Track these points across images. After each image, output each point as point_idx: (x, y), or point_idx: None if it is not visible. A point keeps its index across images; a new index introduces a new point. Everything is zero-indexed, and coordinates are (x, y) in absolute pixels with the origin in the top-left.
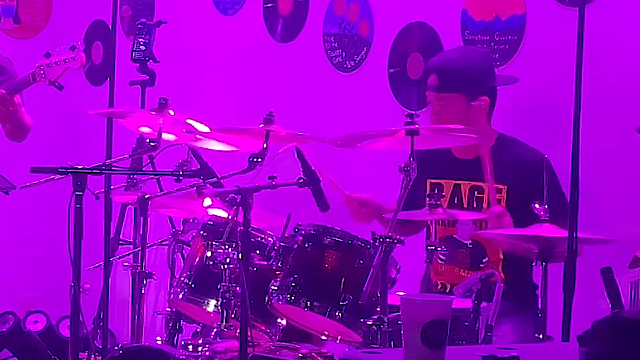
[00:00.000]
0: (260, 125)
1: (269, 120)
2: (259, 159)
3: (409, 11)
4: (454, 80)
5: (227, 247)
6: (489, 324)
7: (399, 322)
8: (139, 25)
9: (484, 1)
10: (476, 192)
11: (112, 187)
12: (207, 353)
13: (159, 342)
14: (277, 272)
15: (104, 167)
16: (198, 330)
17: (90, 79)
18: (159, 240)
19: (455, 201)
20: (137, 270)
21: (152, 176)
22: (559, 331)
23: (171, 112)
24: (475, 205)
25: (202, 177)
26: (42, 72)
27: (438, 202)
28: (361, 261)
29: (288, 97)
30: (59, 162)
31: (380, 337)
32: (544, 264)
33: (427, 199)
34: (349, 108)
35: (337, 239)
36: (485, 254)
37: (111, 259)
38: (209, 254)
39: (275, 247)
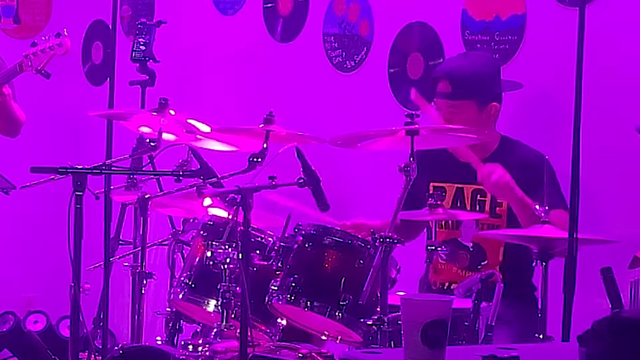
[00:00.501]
0: (260, 125)
1: (269, 120)
2: (259, 159)
3: (409, 11)
4: (467, 87)
5: (227, 247)
6: (489, 324)
7: (399, 322)
8: (139, 25)
9: (484, 1)
10: (478, 196)
11: (112, 187)
12: (207, 353)
13: (159, 342)
14: (277, 272)
15: (104, 167)
16: (198, 330)
17: (90, 79)
18: (159, 240)
19: (458, 204)
20: (137, 270)
21: (152, 176)
22: (559, 331)
23: (172, 112)
24: (477, 209)
25: (202, 177)
26: (28, 61)
27: (438, 202)
28: (361, 261)
29: (288, 97)
30: (59, 162)
31: (380, 337)
32: (544, 264)
33: (428, 199)
34: (349, 108)
35: (337, 239)
36: (485, 257)
37: (111, 259)
38: (209, 254)
39: (275, 247)
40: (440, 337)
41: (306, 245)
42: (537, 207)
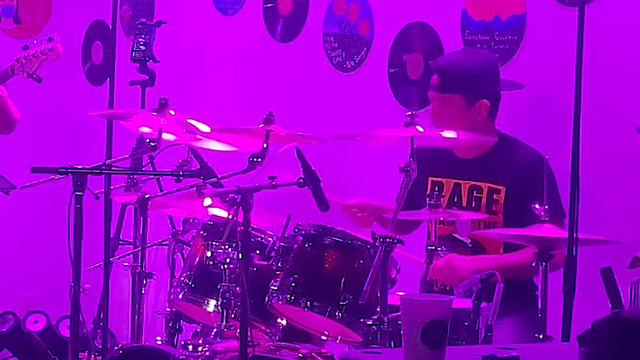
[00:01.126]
0: (260, 125)
1: (269, 120)
2: (259, 159)
3: (409, 11)
4: (455, 81)
5: (227, 247)
6: (489, 324)
7: (399, 322)
8: (139, 25)
9: (484, 1)
10: (475, 192)
11: (112, 187)
12: (207, 353)
13: (159, 342)
14: (277, 272)
15: (104, 167)
16: (198, 330)
17: (90, 79)
18: (159, 240)
19: (455, 200)
20: (137, 270)
21: (152, 176)
22: (559, 331)
23: (171, 112)
24: (474, 205)
25: (202, 177)
26: (20, 64)
27: (438, 202)
28: (361, 261)
29: (288, 97)
30: (59, 162)
31: (380, 337)
32: (543, 264)
33: (427, 199)
34: (349, 108)
35: (337, 239)
36: (485, 253)
37: (111, 259)
38: (209, 254)
39: (275, 247)
40: (440, 337)
41: (306, 245)
42: (537, 206)
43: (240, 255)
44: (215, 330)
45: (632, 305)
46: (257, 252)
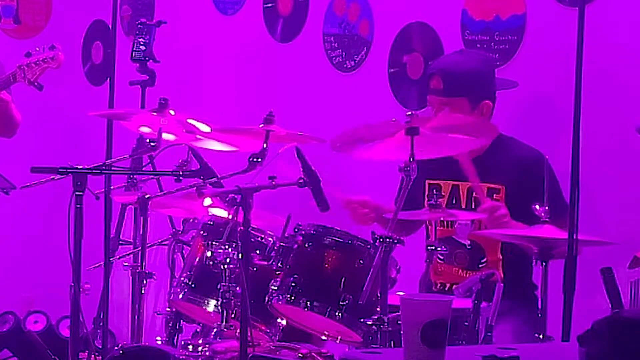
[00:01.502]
0: (260, 125)
1: (269, 120)
2: (259, 159)
3: (409, 11)
4: (459, 84)
5: (227, 247)
6: (489, 324)
7: (399, 322)
8: (139, 25)
9: (484, 1)
10: (474, 193)
11: (112, 187)
12: (207, 353)
13: (159, 342)
14: (277, 272)
15: (104, 167)
16: (198, 330)
17: (90, 79)
18: (159, 240)
19: (454, 202)
20: (137, 270)
21: (152, 176)
22: (559, 331)
23: (172, 112)
24: (473, 206)
25: (202, 177)
26: (22, 72)
27: (437, 202)
28: (361, 261)
29: (288, 97)
30: (59, 162)
31: (380, 337)
32: (543, 264)
33: (427, 199)
34: (349, 108)
35: (337, 239)
36: (484, 255)
37: (111, 259)
38: (209, 254)
39: (275, 247)
40: (440, 337)
41: (306, 245)
42: (537, 207)
43: (240, 255)
44: (215, 330)
45: (632, 305)
46: (257, 252)
